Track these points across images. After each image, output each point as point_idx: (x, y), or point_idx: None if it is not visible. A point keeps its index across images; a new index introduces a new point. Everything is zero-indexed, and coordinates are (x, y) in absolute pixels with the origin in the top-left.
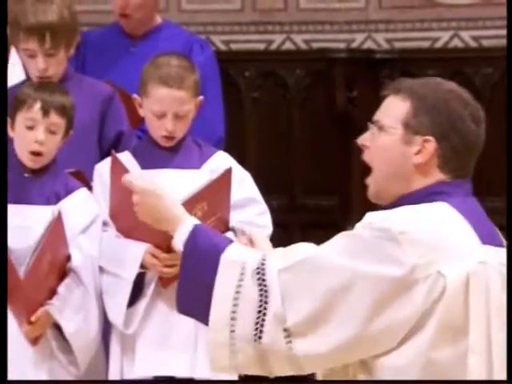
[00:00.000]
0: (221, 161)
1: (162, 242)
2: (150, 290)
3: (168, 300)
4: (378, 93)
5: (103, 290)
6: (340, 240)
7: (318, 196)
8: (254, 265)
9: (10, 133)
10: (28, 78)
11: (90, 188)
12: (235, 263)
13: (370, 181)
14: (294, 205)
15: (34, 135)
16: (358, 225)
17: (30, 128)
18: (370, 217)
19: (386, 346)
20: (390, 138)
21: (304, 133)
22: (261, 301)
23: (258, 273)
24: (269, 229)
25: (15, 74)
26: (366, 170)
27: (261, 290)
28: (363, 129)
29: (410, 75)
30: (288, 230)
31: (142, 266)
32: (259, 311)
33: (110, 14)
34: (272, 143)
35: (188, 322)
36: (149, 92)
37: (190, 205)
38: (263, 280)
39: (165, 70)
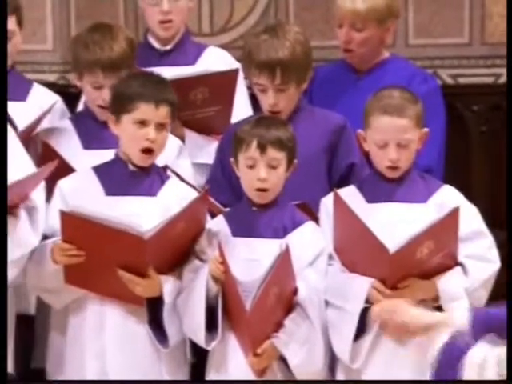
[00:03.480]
0: (447, 195)
1: (387, 277)
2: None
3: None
4: None
5: (329, 323)
6: None
7: None
8: None
9: (237, 172)
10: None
11: (315, 219)
12: None
13: None
14: None
15: (255, 173)
16: None
17: (252, 167)
18: None
19: None
20: None
21: None
22: None
23: None
24: (497, 264)
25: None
26: None
27: None
28: None
29: None
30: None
31: (368, 301)
32: None
33: (338, 50)
34: (499, 177)
35: (413, 356)
36: (371, 123)
37: (417, 242)
38: None
39: (386, 100)
